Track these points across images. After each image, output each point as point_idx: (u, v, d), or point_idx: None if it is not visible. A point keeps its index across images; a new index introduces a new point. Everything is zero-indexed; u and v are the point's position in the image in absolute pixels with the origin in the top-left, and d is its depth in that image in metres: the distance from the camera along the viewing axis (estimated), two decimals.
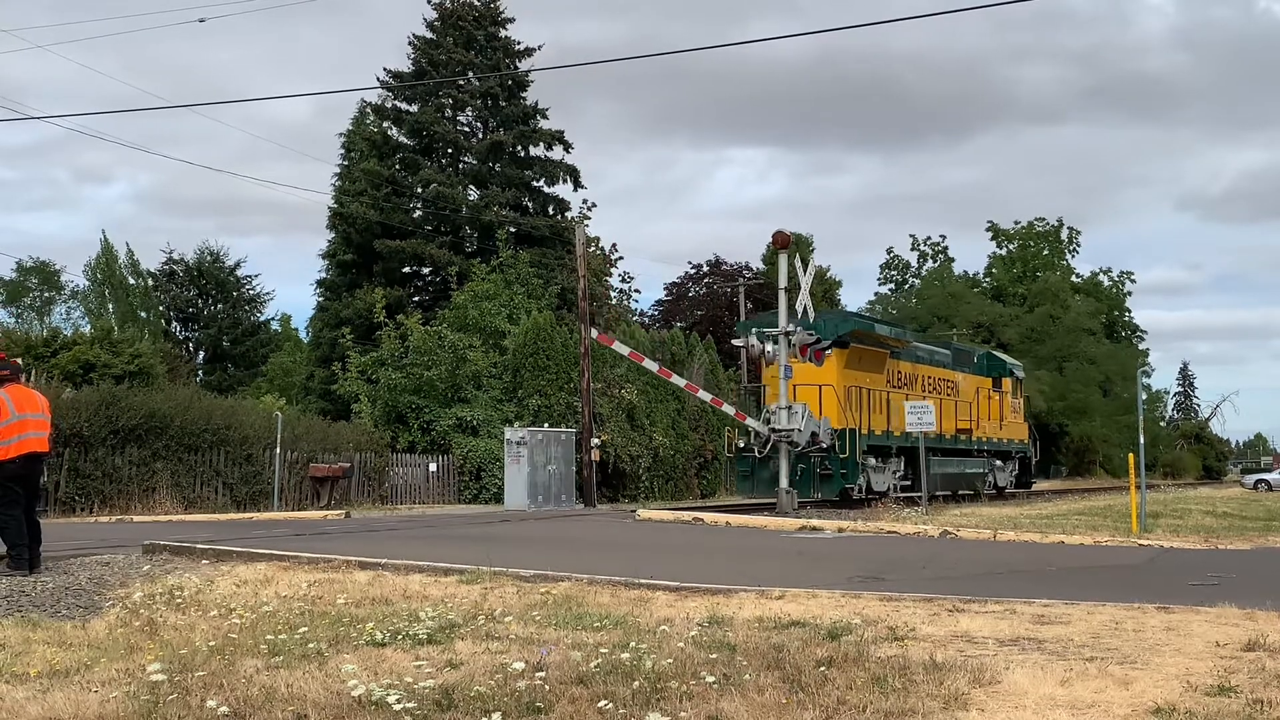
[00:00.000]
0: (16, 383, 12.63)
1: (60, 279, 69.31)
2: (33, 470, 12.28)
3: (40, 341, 34.66)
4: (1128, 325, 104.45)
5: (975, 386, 37.78)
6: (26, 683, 6.45)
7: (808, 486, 27.87)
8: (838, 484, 28.18)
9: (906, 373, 33.67)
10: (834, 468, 28.12)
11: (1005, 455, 40.11)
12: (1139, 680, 6.28)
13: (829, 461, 28.09)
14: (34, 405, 12.34)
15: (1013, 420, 40.93)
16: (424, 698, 5.86)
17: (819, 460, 27.97)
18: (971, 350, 41.81)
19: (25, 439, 12.07)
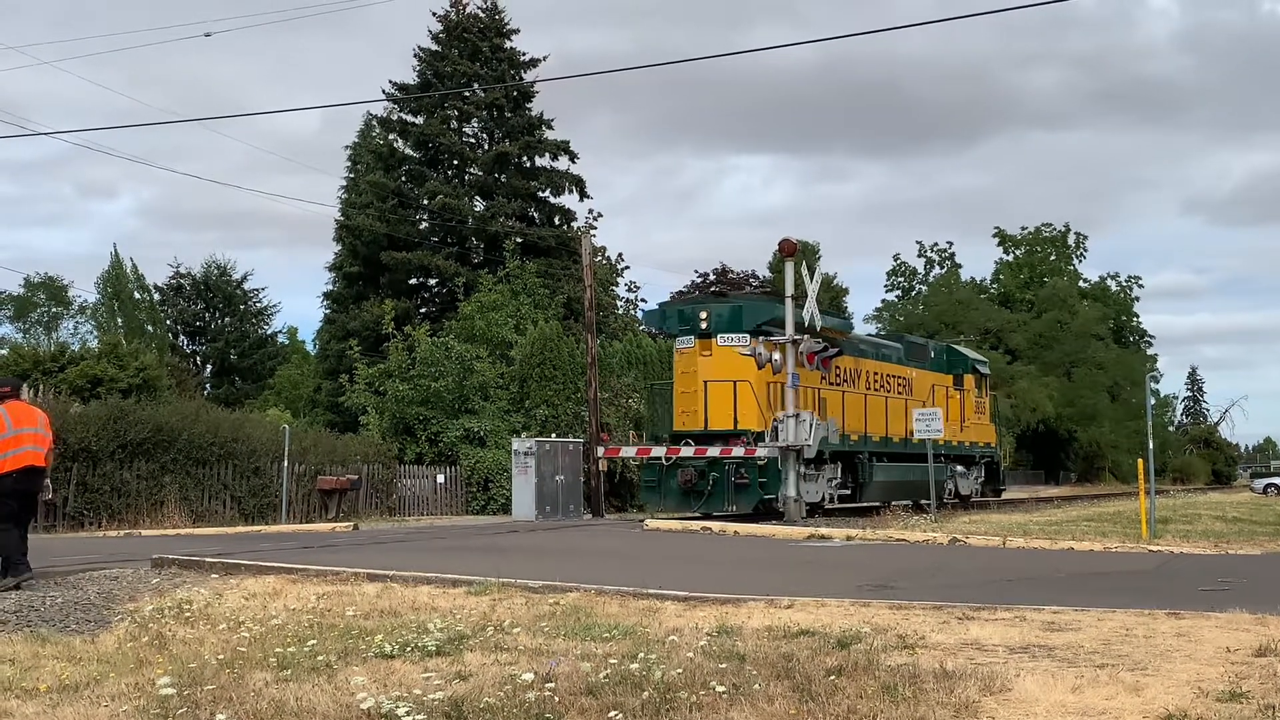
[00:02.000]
0: (16, 399, 12.72)
1: (68, 294, 69.47)
2: (30, 485, 12.31)
3: (48, 356, 34.69)
4: (1136, 330, 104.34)
5: (932, 384, 34.03)
6: (36, 698, 6.45)
7: (720, 498, 25.29)
8: (754, 495, 25.15)
9: (847, 368, 30.07)
10: (751, 476, 25.13)
11: (968, 460, 36.03)
12: (1150, 686, 6.26)
13: (745, 469, 25.23)
14: (31, 420, 12.39)
15: (976, 421, 37.07)
16: (433, 710, 5.86)
17: (733, 468, 25.29)
18: (928, 344, 38.09)
19: (21, 453, 12.14)
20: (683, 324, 27.41)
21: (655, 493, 26.38)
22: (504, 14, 50.46)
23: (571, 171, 50.02)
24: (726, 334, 26.22)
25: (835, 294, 63.56)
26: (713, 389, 26.16)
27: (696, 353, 26.57)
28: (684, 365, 27.15)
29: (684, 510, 25.50)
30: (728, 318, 26.54)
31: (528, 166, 49.80)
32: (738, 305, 27.17)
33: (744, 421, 25.69)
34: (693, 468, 25.38)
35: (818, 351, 25.11)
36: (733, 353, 26.04)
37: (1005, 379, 78.28)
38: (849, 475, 28.50)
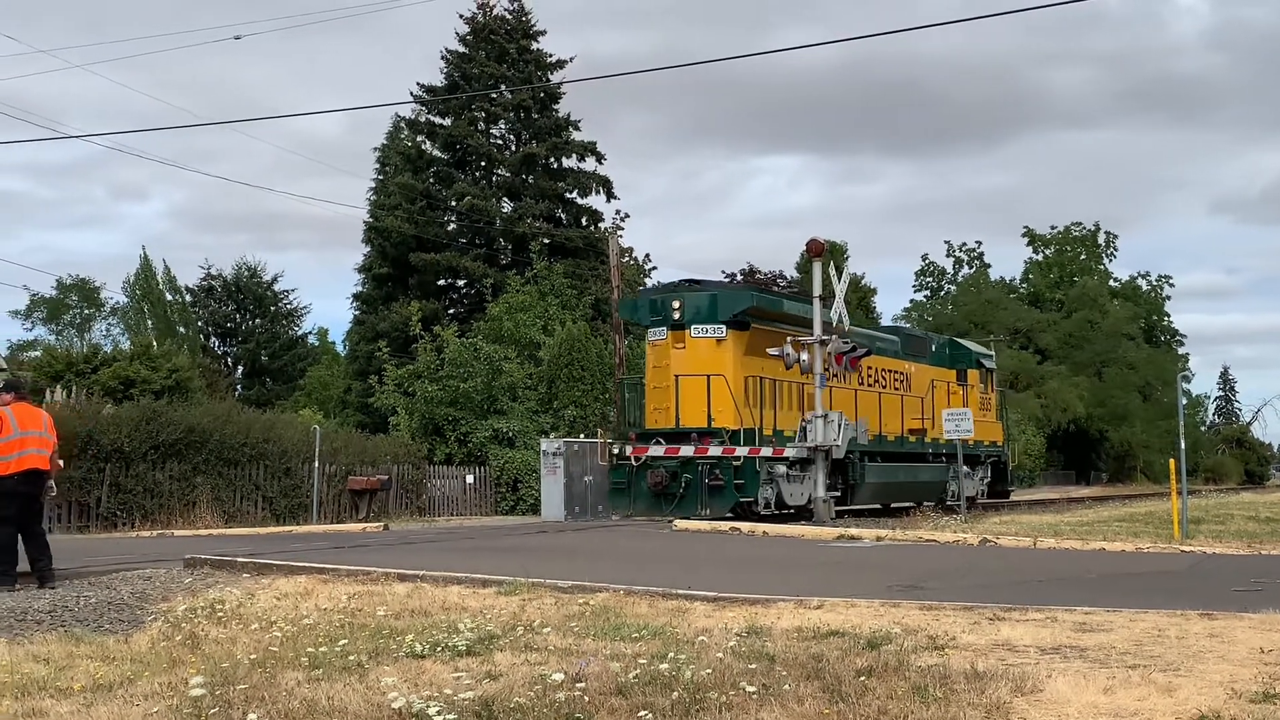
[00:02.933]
0: (24, 401, 12.87)
1: (100, 296, 69.97)
2: (33, 487, 12.45)
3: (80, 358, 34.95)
4: (1167, 330, 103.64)
5: (931, 379, 32.30)
6: (70, 697, 6.51)
7: (693, 501, 23.73)
8: (730, 497, 23.71)
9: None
10: (726, 477, 23.64)
11: (972, 459, 33.77)
12: (1183, 687, 6.23)
13: (720, 470, 23.74)
14: (36, 423, 12.55)
15: (982, 418, 34.43)
16: (464, 709, 5.88)
17: (707, 468, 23.75)
18: (928, 337, 36.13)
19: (25, 455, 12.33)
20: (654, 315, 25.85)
21: (624, 495, 24.96)
22: (530, 16, 50.59)
23: (598, 172, 50.10)
24: (701, 325, 24.91)
25: (863, 294, 63.40)
26: (685, 384, 24.61)
27: (669, 345, 25.20)
28: (656, 359, 25.68)
29: (654, 514, 24.13)
30: (702, 307, 25.08)
31: (555, 168, 49.87)
32: (713, 294, 25.70)
33: (719, 419, 24.30)
34: (664, 469, 24.10)
35: (845, 352, 24.88)
36: (708, 345, 24.81)
37: (1036, 379, 77.93)
38: (838, 476, 26.61)
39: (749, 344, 25.15)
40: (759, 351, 24.99)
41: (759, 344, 25.08)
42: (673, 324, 25.11)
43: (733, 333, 24.83)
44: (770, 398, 25.39)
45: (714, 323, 24.83)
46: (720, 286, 27.54)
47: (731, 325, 24.78)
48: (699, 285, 26.37)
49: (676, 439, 24.35)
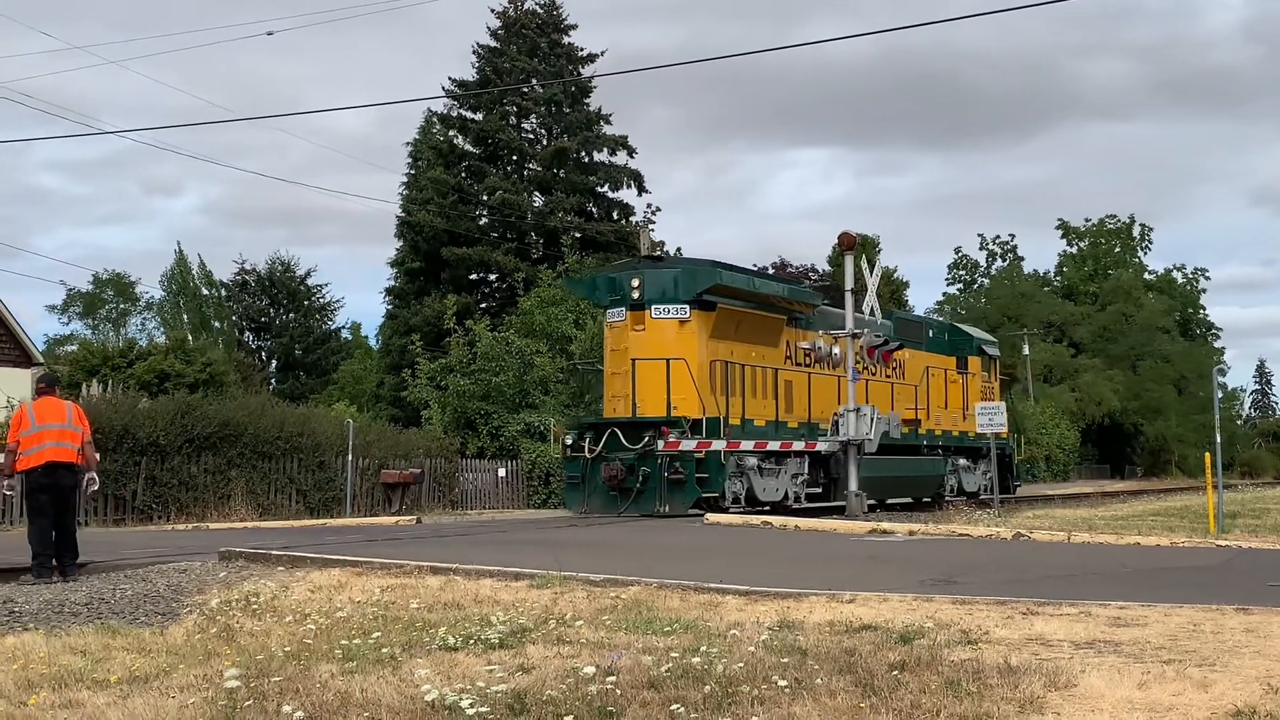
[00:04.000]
0: (51, 394, 13.00)
1: (135, 291, 70.55)
2: (57, 480, 12.54)
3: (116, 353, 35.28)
4: (1202, 323, 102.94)
5: (926, 366, 30.34)
6: (107, 689, 6.56)
7: (652, 497, 22.00)
8: (692, 493, 21.94)
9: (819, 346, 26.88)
10: (687, 471, 21.81)
11: (973, 453, 32.11)
12: (1218, 683, 6.19)
13: (680, 463, 21.92)
14: (59, 416, 12.65)
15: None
16: (496, 702, 5.90)
17: (666, 462, 21.93)
18: (924, 321, 33.98)
19: (44, 449, 12.46)
20: (613, 294, 23.88)
21: (578, 491, 23.07)
22: (561, 10, 50.67)
23: (629, 166, 50.13)
24: (662, 305, 22.96)
25: (896, 287, 63.19)
26: (643, 369, 22.60)
27: (628, 327, 23.27)
28: (614, 342, 23.79)
29: (609, 512, 22.31)
30: (663, 286, 23.13)
31: (586, 162, 49.96)
32: (675, 271, 23.70)
33: (680, 407, 22.41)
34: (620, 462, 22.23)
35: (878, 345, 24.83)
36: (670, 327, 22.91)
37: (1070, 372, 77.55)
38: (819, 470, 25.35)
39: (716, 325, 23.40)
40: (727, 333, 23.63)
41: (727, 325, 23.66)
42: (632, 304, 23.22)
43: (697, 313, 23.02)
44: (739, 384, 23.63)
45: (676, 302, 22.95)
46: (684, 262, 25.60)
47: (696, 305, 23.01)
48: (661, 261, 24.89)
49: (633, 429, 22.49)
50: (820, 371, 26.11)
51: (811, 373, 25.89)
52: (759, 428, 23.89)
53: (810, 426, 25.30)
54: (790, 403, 25.22)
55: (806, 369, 25.84)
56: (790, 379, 25.37)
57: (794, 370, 25.55)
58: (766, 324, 24.84)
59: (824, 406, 25.71)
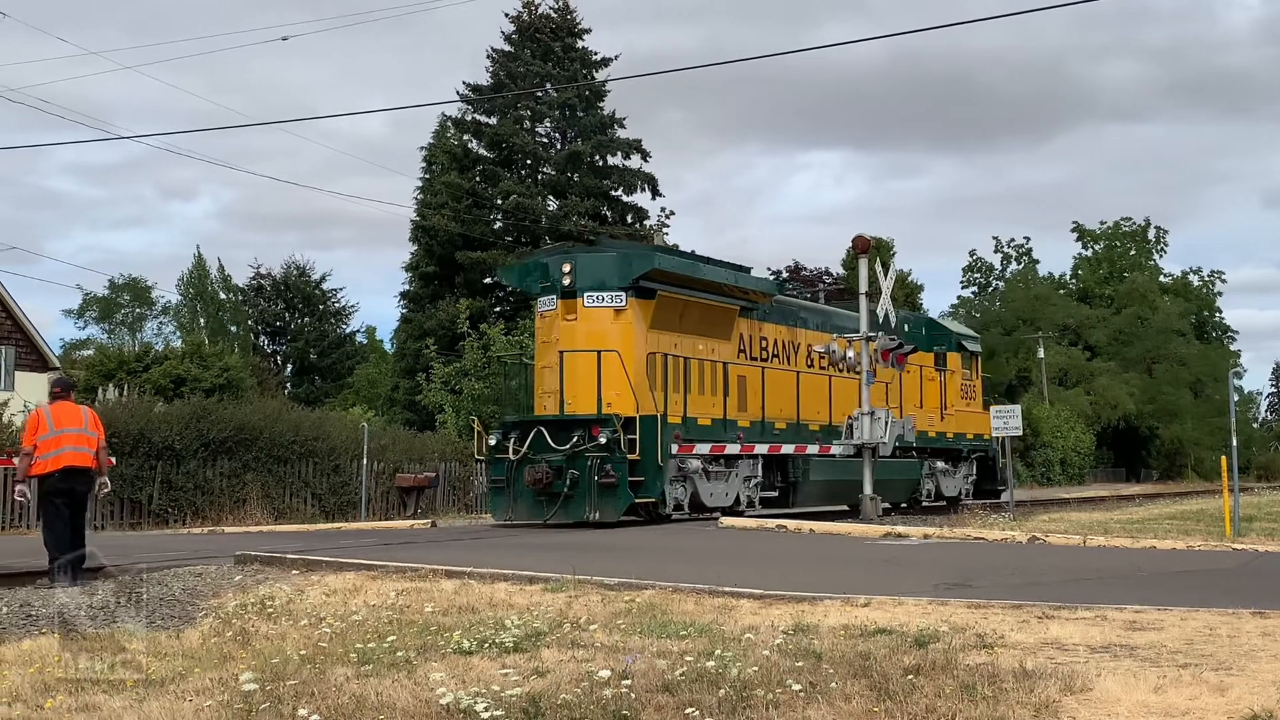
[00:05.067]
0: (67, 399, 13.07)
1: (152, 295, 70.83)
2: (73, 484, 12.61)
3: (132, 357, 35.40)
4: (1218, 325, 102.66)
5: None
6: (123, 692, 6.59)
7: (582, 502, 19.99)
8: (623, 498, 19.94)
9: (778, 339, 25.05)
10: (620, 474, 19.84)
11: (952, 454, 30.33)
12: (1235, 687, 6.17)
13: (612, 465, 19.87)
14: (75, 421, 12.70)
15: (964, 409, 30.87)
16: (511, 706, 5.91)
17: (596, 464, 19.94)
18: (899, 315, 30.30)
19: (62, 454, 12.50)
20: (544, 281, 21.90)
21: (503, 496, 21.06)
22: (575, 14, 50.73)
23: (643, 170, 50.16)
24: (596, 292, 21.14)
25: (910, 290, 63.14)
26: (572, 363, 20.78)
27: (559, 317, 21.44)
28: (544, 333, 22.01)
29: (535, 518, 20.47)
30: (597, 271, 21.29)
31: (600, 165, 50.00)
32: (610, 255, 21.94)
33: (614, 404, 20.45)
34: (547, 464, 20.21)
35: (892, 349, 24.65)
36: (604, 316, 21.02)
37: (1085, 375, 77.36)
38: (776, 473, 23.94)
39: (656, 314, 21.47)
40: (669, 324, 21.75)
41: (669, 315, 21.75)
42: (563, 291, 21.32)
43: (635, 301, 21.11)
44: (681, 378, 21.66)
45: (612, 289, 21.05)
46: (620, 246, 23.65)
47: (634, 292, 21.11)
48: (595, 245, 23.15)
49: (561, 428, 20.61)
50: (777, 367, 24.64)
51: (767, 368, 24.20)
52: (703, 427, 22.05)
53: (764, 425, 23.73)
54: (744, 400, 23.42)
55: (758, 364, 24.09)
56: (744, 374, 23.59)
57: (748, 365, 23.79)
58: (715, 314, 22.96)
59: (782, 403, 24.40)
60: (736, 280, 23.49)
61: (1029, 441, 59.75)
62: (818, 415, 25.54)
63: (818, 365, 25.67)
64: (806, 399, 25.24)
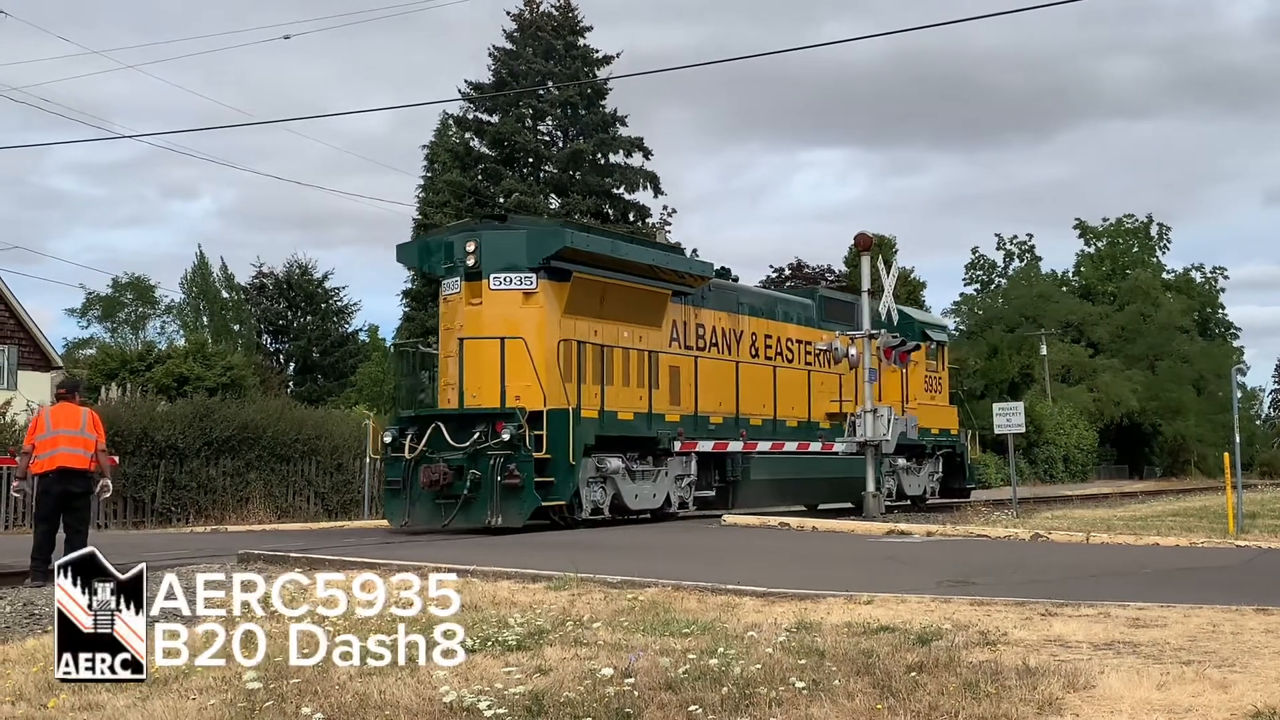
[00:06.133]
0: (71, 400, 13.14)
1: (155, 294, 70.85)
2: (67, 485, 12.68)
3: (135, 356, 35.42)
4: (1221, 322, 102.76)
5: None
6: (126, 691, 6.59)
7: (483, 505, 18.16)
8: (529, 501, 18.11)
9: (716, 327, 23.29)
10: (525, 474, 18.01)
11: (916, 452, 28.17)
12: (1238, 683, 6.17)
13: (516, 464, 18.07)
14: (72, 423, 12.79)
15: (929, 402, 28.71)
16: (514, 704, 5.92)
17: (499, 463, 18.11)
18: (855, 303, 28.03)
19: (56, 455, 12.61)
20: (447, 261, 20.19)
21: (399, 499, 19.11)
22: (577, 12, 50.69)
23: (645, 168, 50.14)
24: (503, 273, 19.40)
25: (913, 288, 63.05)
26: (474, 350, 19.12)
27: (463, 301, 19.73)
28: (448, 319, 20.30)
29: (435, 523, 18.60)
30: (505, 251, 19.48)
31: (602, 164, 49.97)
32: (519, 233, 19.96)
33: (523, 396, 18.76)
34: (446, 464, 18.48)
35: (895, 346, 24.60)
36: (512, 300, 19.33)
37: (1088, 372, 77.36)
38: (714, 471, 22.55)
39: (571, 298, 19.79)
40: (587, 309, 20.08)
41: (586, 299, 20.07)
42: (467, 273, 19.60)
43: (547, 284, 19.48)
44: (599, 368, 19.89)
45: (520, 270, 19.35)
46: (529, 222, 21.64)
47: (546, 274, 19.48)
48: (502, 221, 21.05)
49: (461, 423, 18.87)
50: (715, 356, 22.89)
51: (701, 357, 22.39)
52: (624, 421, 20.30)
53: (697, 419, 22.03)
54: (676, 392, 21.70)
55: (692, 353, 22.32)
56: (677, 364, 21.80)
57: (681, 354, 22.00)
58: (643, 298, 21.16)
59: (720, 396, 22.90)
60: (666, 262, 21.81)
61: (1032, 439, 59.74)
62: (762, 409, 23.92)
63: (763, 355, 24.34)
64: (749, 391, 23.58)
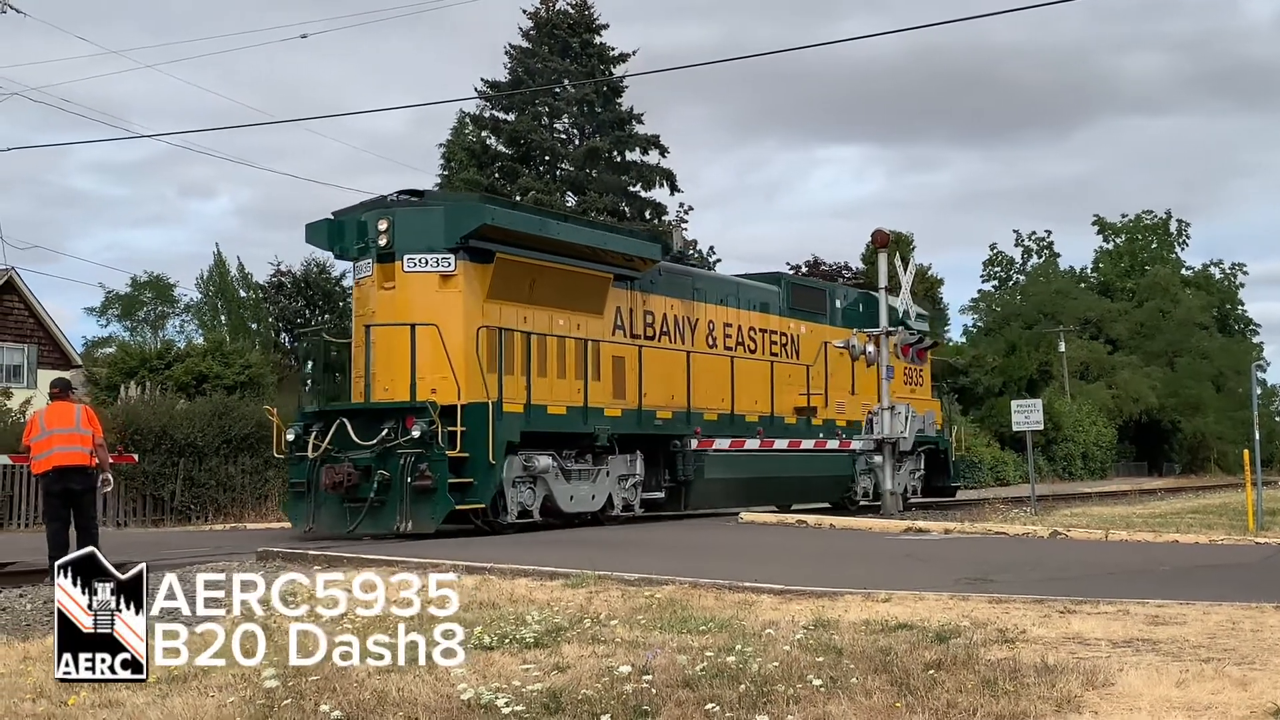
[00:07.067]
0: (64, 399, 13.26)
1: (174, 293, 71.10)
2: (66, 483, 12.77)
3: (154, 354, 35.48)
4: (1241, 318, 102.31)
5: (825, 342, 24.81)
6: (146, 688, 6.62)
7: (393, 509, 16.47)
8: (443, 504, 16.40)
9: (668, 314, 21.53)
10: (438, 475, 16.39)
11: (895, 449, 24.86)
12: (1258, 681, 6.14)
13: (428, 463, 16.45)
14: (65, 421, 12.91)
15: (909, 396, 26.39)
16: (532, 701, 5.92)
17: (410, 462, 16.48)
18: (829, 289, 27.56)
19: (52, 454, 12.73)
20: (360, 241, 18.38)
21: (303, 501, 17.48)
22: (593, 10, 50.69)
23: (662, 165, 50.15)
24: (418, 254, 17.70)
25: (930, 285, 62.92)
26: (384, 339, 17.51)
27: (375, 284, 18.02)
28: (361, 305, 18.70)
29: (338, 529, 16.83)
30: (421, 229, 17.75)
31: (618, 161, 49.99)
32: (436, 210, 18.13)
33: (438, 390, 17.04)
34: (351, 463, 16.81)
35: (912, 344, 24.52)
36: (428, 283, 17.60)
37: (1106, 369, 77.10)
38: (665, 470, 20.91)
39: (495, 282, 18.02)
40: (514, 293, 18.34)
41: (513, 282, 18.31)
42: (380, 254, 17.87)
43: (468, 265, 17.77)
44: (524, 358, 18.11)
45: (438, 251, 17.64)
46: (446, 198, 19.08)
47: (467, 255, 17.77)
48: (419, 197, 18.86)
49: (369, 417, 17.23)
50: (665, 346, 21.23)
51: (648, 346, 20.66)
52: (555, 416, 18.49)
53: (641, 414, 20.19)
54: (621, 385, 20.00)
55: (636, 341, 20.48)
56: (621, 354, 20.08)
57: (626, 343, 20.24)
58: (580, 283, 19.42)
59: (671, 388, 21.07)
60: (607, 243, 20.08)
61: (1050, 436, 59.57)
62: (720, 402, 22.23)
63: (721, 345, 22.68)
64: (702, 383, 21.75)
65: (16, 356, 40.94)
